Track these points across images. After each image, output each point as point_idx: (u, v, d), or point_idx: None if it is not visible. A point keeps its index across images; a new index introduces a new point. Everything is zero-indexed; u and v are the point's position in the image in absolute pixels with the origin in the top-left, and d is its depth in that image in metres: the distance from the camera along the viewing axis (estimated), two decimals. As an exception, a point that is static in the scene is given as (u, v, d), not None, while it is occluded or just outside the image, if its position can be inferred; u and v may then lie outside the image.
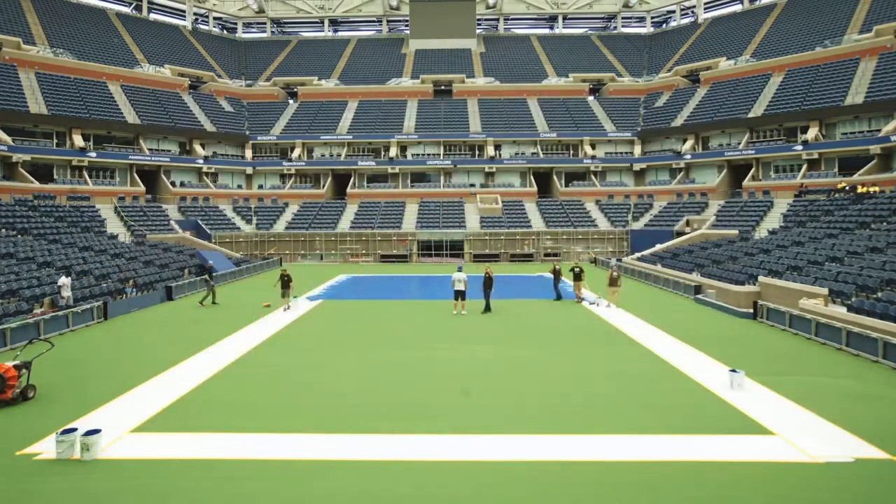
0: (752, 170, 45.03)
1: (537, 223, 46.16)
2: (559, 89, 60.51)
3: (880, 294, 17.65)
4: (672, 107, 54.70)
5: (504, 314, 20.82)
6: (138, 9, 68.46)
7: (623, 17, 75.85)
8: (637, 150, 53.51)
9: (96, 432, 8.63)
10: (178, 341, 16.50)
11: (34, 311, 18.96)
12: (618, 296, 22.29)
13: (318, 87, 61.52)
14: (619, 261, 37.22)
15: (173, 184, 48.13)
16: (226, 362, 14.13)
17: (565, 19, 76.26)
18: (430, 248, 44.60)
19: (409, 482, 7.75)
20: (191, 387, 12.06)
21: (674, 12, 73.47)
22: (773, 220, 36.29)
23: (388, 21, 76.86)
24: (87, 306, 19.59)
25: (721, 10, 69.19)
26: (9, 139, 39.70)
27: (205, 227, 42.94)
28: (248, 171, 53.63)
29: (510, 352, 15.08)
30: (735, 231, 35.90)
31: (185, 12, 70.86)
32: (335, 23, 77.67)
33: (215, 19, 74.38)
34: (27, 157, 40.11)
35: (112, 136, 47.03)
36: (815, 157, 41.58)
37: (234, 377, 12.91)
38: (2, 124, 40.26)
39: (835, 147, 40.93)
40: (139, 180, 46.30)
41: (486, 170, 52.96)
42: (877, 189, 32.91)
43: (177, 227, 41.22)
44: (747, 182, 44.02)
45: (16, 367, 11.00)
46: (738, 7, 67.41)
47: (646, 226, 44.62)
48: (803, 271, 22.32)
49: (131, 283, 24.58)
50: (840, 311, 17.23)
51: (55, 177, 41.97)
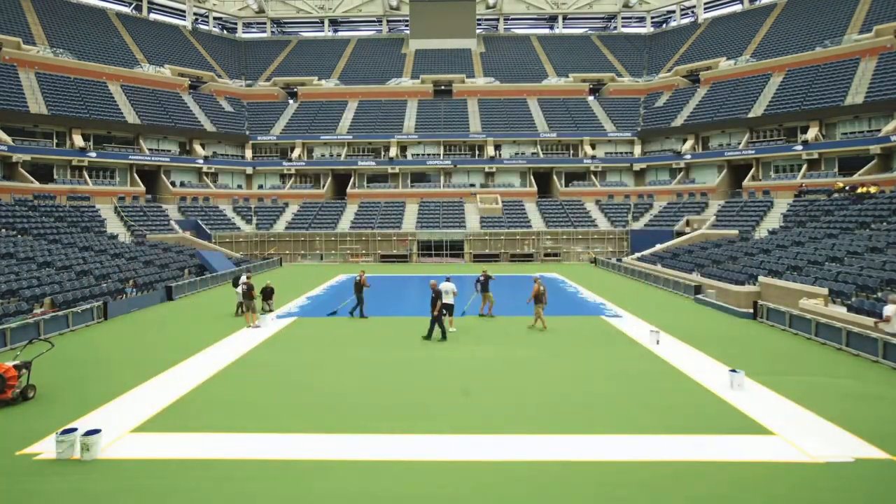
0: (752, 170, 45.03)
1: (537, 223, 46.15)
2: (559, 89, 60.51)
3: (880, 294, 17.65)
4: (672, 107, 54.70)
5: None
6: (138, 9, 68.47)
7: (623, 17, 75.88)
8: (637, 150, 53.50)
9: (96, 432, 8.63)
10: (178, 341, 16.50)
11: (34, 311, 18.97)
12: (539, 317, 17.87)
13: (318, 87, 61.51)
14: (619, 260, 37.23)
15: (173, 184, 48.13)
16: (226, 362, 14.13)
17: (565, 19, 76.28)
18: (430, 248, 44.59)
19: (408, 482, 7.75)
20: (190, 387, 12.06)
21: (674, 12, 73.48)
22: (773, 220, 36.28)
23: (388, 21, 76.87)
24: (87, 306, 19.60)
25: (721, 10, 69.22)
26: (9, 139, 39.70)
27: (205, 227, 42.93)
28: (248, 171, 53.62)
29: (510, 352, 15.07)
30: (735, 231, 35.89)
31: (185, 12, 70.87)
32: (335, 23, 77.68)
33: (215, 19, 74.40)
34: (27, 157, 40.11)
35: (112, 136, 47.03)
36: (815, 157, 41.59)
37: (234, 377, 12.92)
38: (2, 124, 40.26)
39: (835, 147, 40.93)
40: (139, 180, 46.31)
41: (486, 170, 52.95)
42: (875, 189, 32.92)
43: (177, 227, 41.21)
44: (747, 182, 44.02)
45: (16, 367, 11.00)
46: (738, 7, 67.42)
47: (646, 226, 44.60)
48: (803, 271, 22.32)
49: (131, 283, 24.58)
50: (840, 311, 17.23)
51: (55, 177, 41.97)
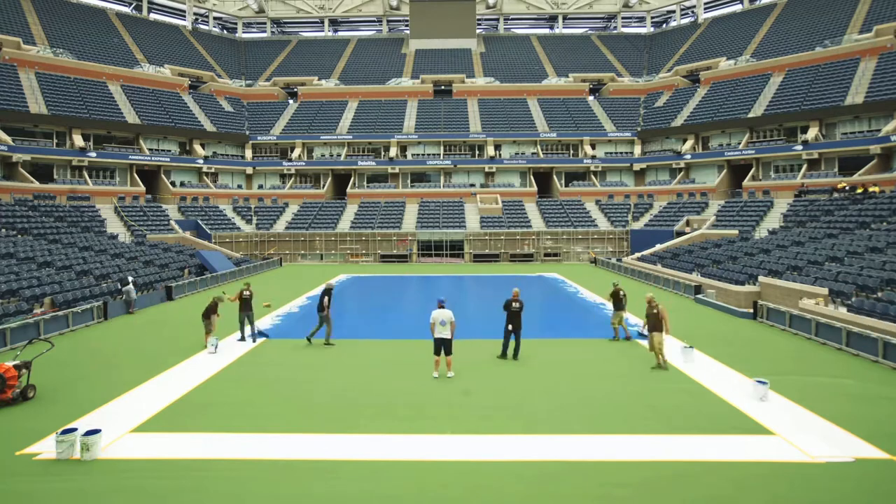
0: (752, 170, 45.04)
1: (537, 223, 46.15)
2: (559, 89, 60.51)
3: (880, 294, 17.66)
4: (672, 107, 54.71)
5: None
6: (138, 9, 68.49)
7: (623, 17, 75.92)
8: (637, 150, 53.51)
9: (96, 432, 8.62)
10: (178, 341, 16.50)
11: (34, 311, 18.97)
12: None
13: (318, 87, 61.51)
14: (619, 260, 37.22)
15: (173, 184, 48.14)
16: (226, 363, 14.13)
17: (565, 19, 76.29)
18: (430, 248, 44.60)
19: (408, 482, 7.75)
20: (191, 387, 12.06)
21: (674, 12, 73.50)
22: (773, 220, 36.29)
23: (388, 21, 76.88)
24: (87, 306, 19.60)
25: (721, 10, 69.26)
26: (9, 139, 39.71)
27: (205, 227, 42.94)
28: (248, 171, 53.62)
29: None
30: (735, 231, 35.89)
31: (185, 12, 70.89)
32: (335, 23, 77.69)
33: (215, 19, 74.41)
34: (27, 157, 40.12)
35: (112, 136, 47.04)
36: (815, 157, 41.60)
37: (234, 377, 12.91)
38: (2, 124, 40.27)
39: (835, 147, 40.94)
40: (139, 180, 46.31)
41: (486, 170, 52.95)
42: (877, 189, 32.93)
43: (177, 227, 41.21)
44: (747, 182, 44.02)
45: (16, 367, 11.00)
46: (738, 7, 67.44)
47: (646, 226, 44.61)
48: (803, 271, 22.32)
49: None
50: (840, 311, 17.23)
51: (55, 177, 41.99)
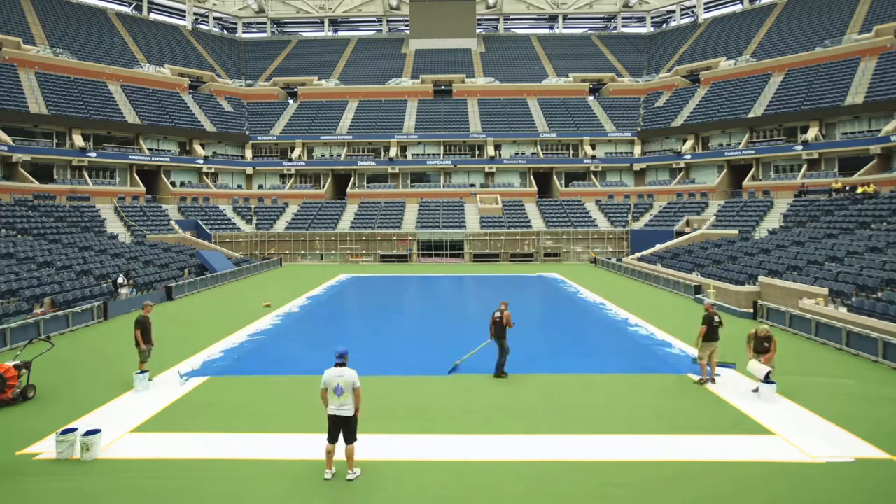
0: (752, 170, 45.03)
1: (537, 223, 46.15)
2: (559, 89, 60.51)
3: (880, 294, 17.66)
4: (672, 107, 54.70)
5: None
6: (138, 9, 68.48)
7: (623, 17, 75.90)
8: (637, 150, 53.50)
9: (96, 432, 8.63)
10: (177, 341, 16.50)
11: (34, 311, 18.97)
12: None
13: (318, 87, 61.51)
14: (619, 260, 37.22)
15: (173, 184, 48.14)
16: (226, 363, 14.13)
17: (565, 19, 76.27)
18: (430, 249, 44.60)
19: (410, 481, 7.75)
20: (191, 387, 12.06)
21: (674, 12, 73.49)
22: (773, 220, 36.29)
23: (388, 21, 76.88)
24: (87, 306, 19.60)
25: (721, 10, 69.23)
26: (9, 139, 39.70)
27: (205, 227, 42.93)
28: (248, 171, 53.62)
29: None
30: (735, 231, 35.89)
31: (185, 12, 70.88)
32: (335, 23, 77.69)
33: (215, 19, 74.41)
34: (27, 157, 40.11)
35: (112, 136, 47.03)
36: (815, 157, 41.59)
37: (233, 378, 12.91)
38: (2, 124, 40.25)
39: (835, 147, 40.93)
40: (139, 180, 46.30)
41: (486, 170, 52.95)
42: (872, 188, 32.94)
43: (177, 227, 41.21)
44: (747, 182, 44.02)
45: (16, 367, 11.00)
46: (738, 7, 67.43)
47: (646, 226, 44.61)
48: (803, 271, 22.32)
49: (131, 282, 24.60)
50: (840, 311, 17.23)
51: (55, 177, 41.98)
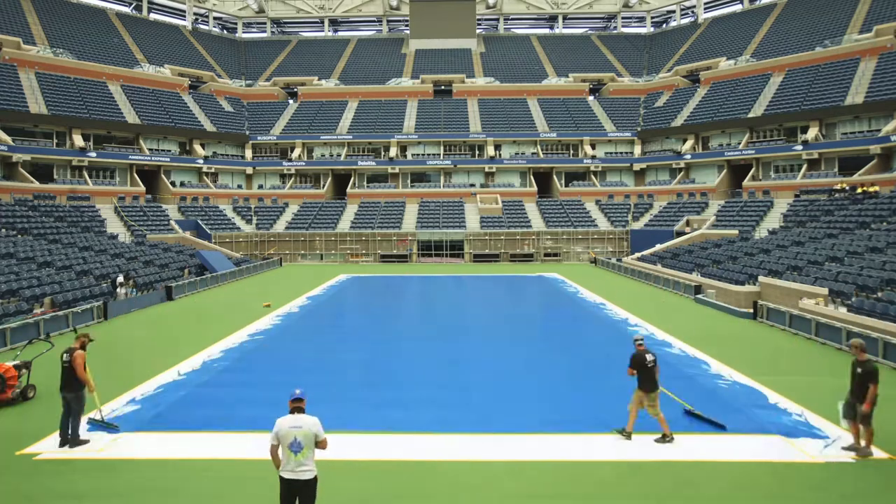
0: (752, 170, 45.03)
1: (537, 223, 46.16)
2: (559, 89, 60.50)
3: (880, 294, 17.66)
4: (672, 107, 54.70)
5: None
6: (138, 9, 68.45)
7: (623, 17, 75.83)
8: (637, 149, 53.51)
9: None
10: (178, 341, 16.50)
11: (34, 311, 18.98)
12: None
13: (318, 87, 61.50)
14: (619, 260, 37.23)
15: (173, 184, 48.14)
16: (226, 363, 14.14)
17: (565, 19, 76.23)
18: (430, 249, 44.61)
19: (402, 481, 7.76)
20: (191, 386, 12.06)
21: (674, 12, 73.44)
22: (773, 220, 36.29)
23: (388, 21, 76.85)
24: (87, 306, 19.61)
25: (721, 10, 69.18)
26: (9, 139, 39.69)
27: (205, 227, 42.94)
28: (248, 171, 53.62)
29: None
30: (735, 231, 35.90)
31: (185, 12, 70.84)
32: (335, 23, 77.66)
33: (215, 19, 74.38)
34: (27, 157, 40.10)
35: (112, 136, 47.03)
36: (815, 157, 41.58)
37: (235, 376, 12.92)
38: (2, 124, 40.23)
39: (835, 147, 40.92)
40: (139, 180, 46.29)
41: (486, 170, 52.96)
42: (875, 189, 32.95)
43: (177, 227, 41.21)
44: (747, 182, 44.02)
45: (16, 366, 11.02)
46: (738, 7, 67.40)
47: (646, 226, 44.62)
48: (803, 271, 22.32)
49: (131, 282, 24.61)
50: (840, 311, 17.24)
51: (55, 177, 41.97)
